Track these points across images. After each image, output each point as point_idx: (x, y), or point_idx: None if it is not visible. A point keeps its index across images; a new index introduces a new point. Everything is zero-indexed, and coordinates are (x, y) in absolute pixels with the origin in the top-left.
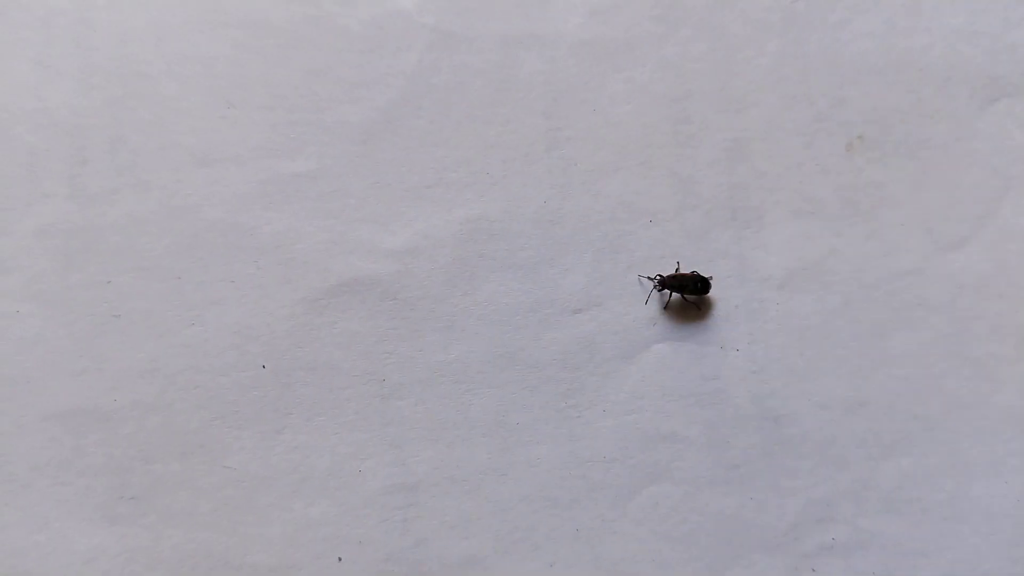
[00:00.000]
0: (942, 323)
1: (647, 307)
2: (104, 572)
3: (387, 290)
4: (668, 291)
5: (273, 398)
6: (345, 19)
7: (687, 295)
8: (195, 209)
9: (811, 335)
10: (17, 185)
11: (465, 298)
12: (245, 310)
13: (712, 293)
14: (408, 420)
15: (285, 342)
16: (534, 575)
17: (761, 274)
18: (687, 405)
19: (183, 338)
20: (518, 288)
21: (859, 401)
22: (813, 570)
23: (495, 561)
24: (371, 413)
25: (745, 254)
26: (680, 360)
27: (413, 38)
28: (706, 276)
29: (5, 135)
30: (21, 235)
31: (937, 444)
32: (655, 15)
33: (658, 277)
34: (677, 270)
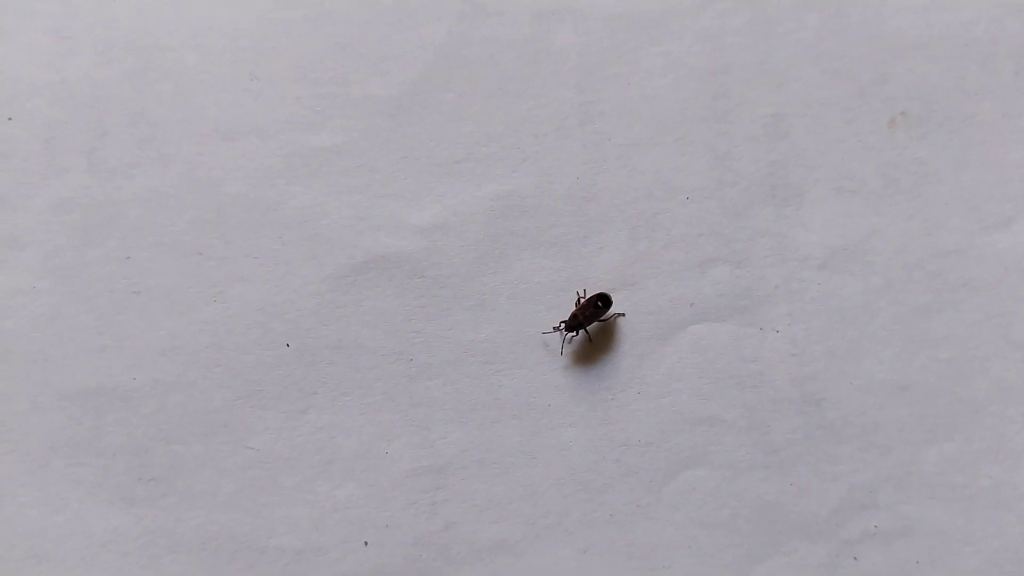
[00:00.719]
0: (987, 304)
1: (685, 285)
2: (123, 554)
3: (415, 267)
4: (579, 329)
5: (298, 377)
6: None
7: (599, 319)
8: (217, 183)
9: (852, 316)
10: (34, 158)
11: (495, 276)
12: (269, 287)
13: (751, 272)
14: (436, 401)
15: (310, 320)
16: (566, 561)
17: (801, 253)
18: (725, 387)
19: (205, 315)
20: (550, 266)
21: (902, 384)
22: (855, 558)
23: (526, 546)
24: (398, 393)
25: (785, 232)
26: (718, 341)
27: (443, 9)
28: (605, 293)
29: (22, 107)
30: (38, 209)
31: (982, 429)
32: None
33: (561, 324)
34: (578, 301)
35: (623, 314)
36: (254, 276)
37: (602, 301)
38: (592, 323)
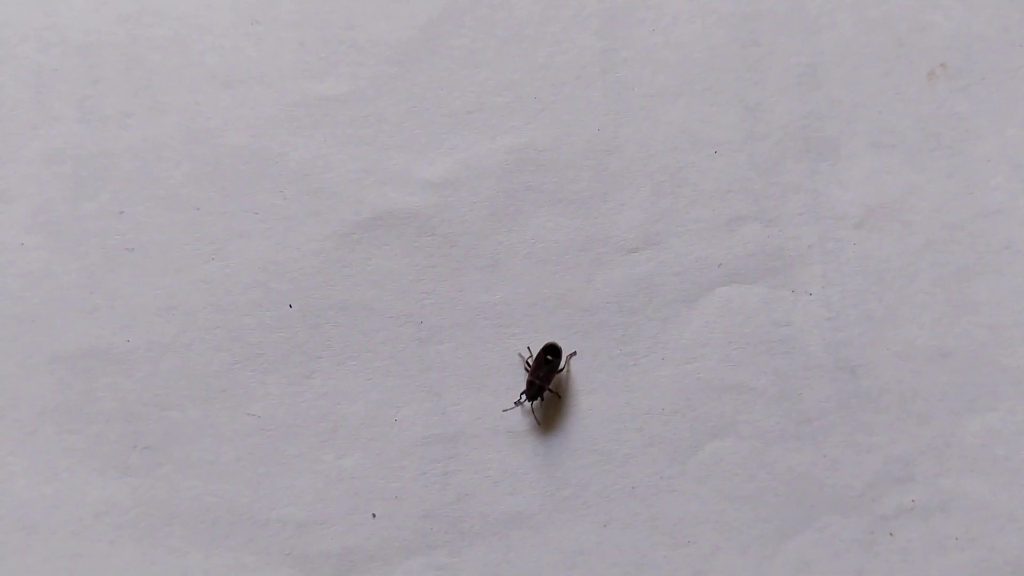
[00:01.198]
0: None
1: (713, 245)
2: (116, 526)
3: (425, 225)
4: (542, 392)
5: (301, 340)
6: None
7: (557, 372)
8: (216, 134)
9: (890, 279)
10: (23, 108)
11: (510, 235)
12: (270, 244)
13: (783, 231)
14: (448, 366)
15: (314, 280)
16: (585, 535)
17: (836, 211)
18: (755, 353)
19: (203, 274)
20: (568, 224)
21: (942, 351)
22: (891, 534)
23: (542, 519)
24: (408, 358)
25: (819, 189)
26: (747, 304)
27: None
28: (552, 343)
29: (10, 54)
30: (27, 161)
31: None
32: None
33: (522, 396)
34: (528, 360)
35: (574, 352)
36: (254, 232)
37: (551, 353)
38: (551, 380)
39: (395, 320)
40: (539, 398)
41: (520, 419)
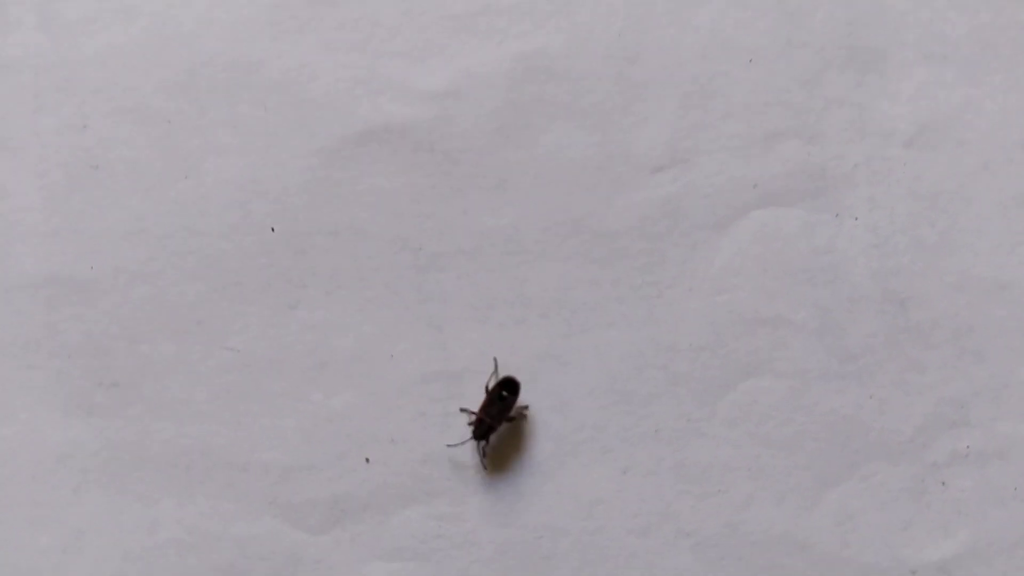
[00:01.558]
0: None
1: (748, 164)
2: (81, 471)
3: (423, 140)
4: (491, 433)
5: (285, 267)
6: None
7: (507, 417)
8: (189, 39)
9: (944, 202)
10: None
11: (519, 152)
12: (250, 161)
13: (826, 148)
14: (450, 296)
15: (299, 200)
16: (603, 483)
17: (885, 128)
18: (794, 283)
19: (175, 193)
20: (585, 140)
21: (1000, 282)
22: (943, 483)
23: (555, 465)
24: (404, 287)
25: (866, 103)
26: (786, 229)
27: None
28: (510, 377)
29: None
30: None
31: None
32: None
33: (472, 437)
34: (488, 389)
35: (527, 407)
36: (232, 148)
37: (507, 389)
38: (502, 421)
39: (390, 245)
40: (485, 440)
41: (530, 358)
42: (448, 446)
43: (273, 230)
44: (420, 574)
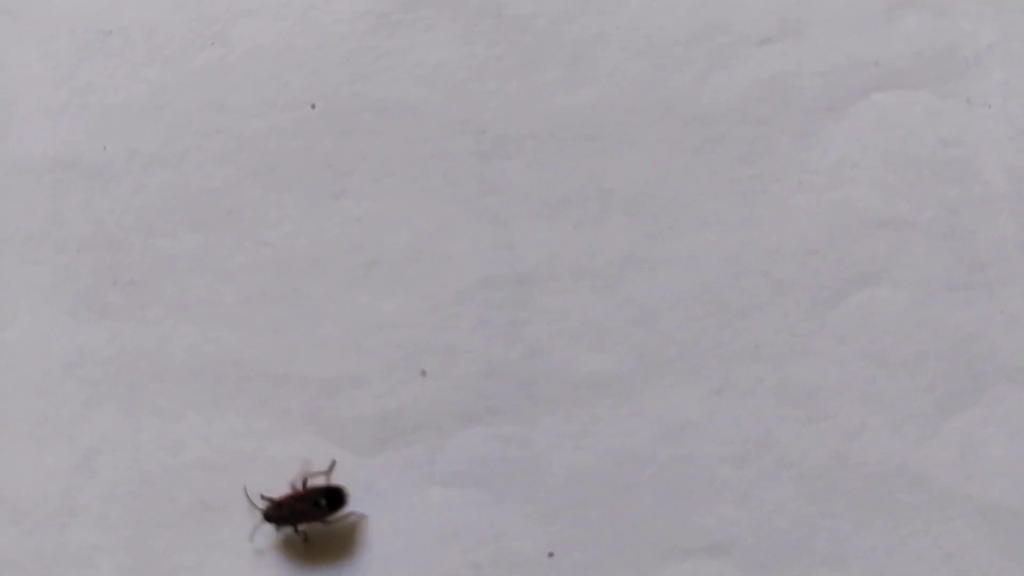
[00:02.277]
0: None
1: (867, 38)
2: (91, 382)
3: (487, 3)
4: (282, 524)
5: (326, 150)
6: None
7: (321, 521)
8: None
9: None
10: None
11: (601, 18)
12: (286, 26)
13: (956, 23)
14: (517, 188)
15: (342, 72)
16: (692, 404)
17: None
18: (917, 179)
19: (200, 63)
20: (679, 6)
21: None
22: None
23: (636, 383)
24: (464, 176)
25: None
26: (910, 117)
27: None
28: (336, 485)
29: None
30: None
31: None
32: None
33: (267, 507)
34: (306, 484)
35: (365, 516)
36: (265, 10)
37: (330, 500)
38: (300, 521)
39: (448, 127)
40: (274, 525)
41: (610, 260)
42: (247, 495)
43: (313, 107)
44: (480, 502)
